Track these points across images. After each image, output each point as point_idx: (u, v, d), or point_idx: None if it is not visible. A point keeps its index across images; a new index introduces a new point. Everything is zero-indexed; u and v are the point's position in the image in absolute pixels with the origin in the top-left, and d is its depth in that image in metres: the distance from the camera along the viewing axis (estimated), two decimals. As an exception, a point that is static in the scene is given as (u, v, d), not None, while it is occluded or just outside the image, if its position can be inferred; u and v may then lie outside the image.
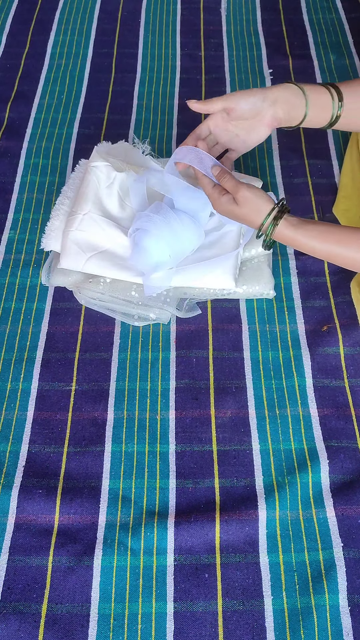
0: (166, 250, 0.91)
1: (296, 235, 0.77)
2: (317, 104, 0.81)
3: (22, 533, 0.79)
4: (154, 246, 0.90)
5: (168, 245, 0.91)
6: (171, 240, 0.91)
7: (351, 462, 0.84)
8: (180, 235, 0.92)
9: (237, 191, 0.79)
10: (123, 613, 0.73)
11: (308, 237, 0.77)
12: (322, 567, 0.76)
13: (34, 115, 1.26)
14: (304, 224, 0.77)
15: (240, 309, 0.98)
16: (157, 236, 0.90)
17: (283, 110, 0.81)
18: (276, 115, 0.81)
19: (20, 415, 0.88)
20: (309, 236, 0.77)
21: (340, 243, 0.76)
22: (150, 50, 1.38)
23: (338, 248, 0.76)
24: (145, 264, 0.92)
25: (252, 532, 0.78)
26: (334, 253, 0.76)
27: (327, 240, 0.76)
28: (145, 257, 0.91)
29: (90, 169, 1.01)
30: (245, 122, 0.84)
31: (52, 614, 0.73)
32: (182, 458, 0.85)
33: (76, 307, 0.99)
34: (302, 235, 0.77)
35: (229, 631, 0.72)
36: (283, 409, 0.89)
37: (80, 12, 1.47)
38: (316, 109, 0.82)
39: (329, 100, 0.81)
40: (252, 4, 1.50)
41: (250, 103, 0.80)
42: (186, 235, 0.92)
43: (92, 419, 0.88)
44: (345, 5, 1.48)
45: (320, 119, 0.83)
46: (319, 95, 0.81)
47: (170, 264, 0.93)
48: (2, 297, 1.00)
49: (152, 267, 0.92)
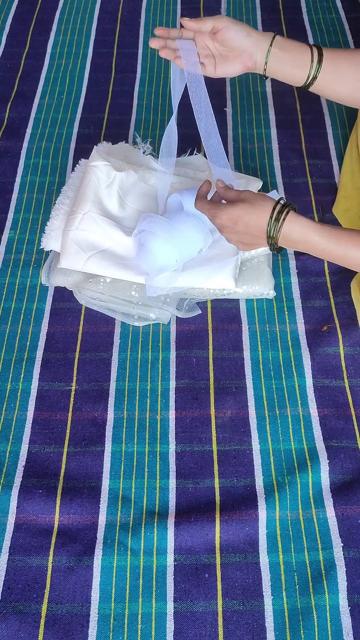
0: (174, 253, 0.90)
1: (310, 233, 0.75)
2: (295, 61, 0.81)
3: (22, 533, 0.79)
4: (162, 249, 0.90)
5: (176, 248, 0.90)
6: (179, 243, 0.90)
7: (351, 462, 0.84)
8: (187, 238, 0.91)
9: (240, 194, 0.78)
10: (123, 613, 0.73)
11: (322, 236, 0.74)
12: (322, 567, 0.76)
13: (34, 115, 1.26)
14: (316, 223, 0.75)
15: (240, 309, 0.98)
16: (165, 239, 0.90)
17: (262, 55, 0.82)
18: (254, 56, 0.82)
19: (20, 415, 0.88)
20: (323, 235, 0.74)
21: (357, 245, 0.74)
22: (150, 50, 1.38)
23: (354, 250, 0.74)
24: (151, 266, 0.91)
25: (252, 532, 0.78)
26: (350, 255, 0.75)
27: (343, 241, 0.74)
28: (152, 260, 0.91)
29: (90, 169, 1.01)
30: (225, 49, 0.83)
31: (52, 614, 0.73)
32: (182, 458, 0.85)
33: (76, 307, 0.99)
34: (318, 234, 0.74)
35: (229, 631, 0.72)
36: (283, 409, 0.89)
37: (80, 12, 1.47)
38: (293, 67, 0.82)
39: (308, 60, 0.81)
40: (252, 4, 1.50)
41: (236, 32, 0.80)
42: (193, 238, 0.92)
43: (92, 419, 0.88)
44: (345, 5, 1.48)
45: (295, 77, 0.83)
46: (300, 53, 0.81)
47: (176, 266, 0.93)
48: (2, 297, 1.00)
49: (158, 269, 0.91)
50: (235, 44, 0.81)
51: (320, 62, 0.81)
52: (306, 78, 0.82)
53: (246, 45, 0.81)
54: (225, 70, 0.84)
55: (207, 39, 0.83)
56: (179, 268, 0.93)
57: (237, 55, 0.82)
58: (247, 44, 0.81)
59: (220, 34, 0.81)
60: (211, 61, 0.84)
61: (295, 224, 0.75)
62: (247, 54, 0.81)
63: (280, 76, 0.83)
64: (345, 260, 0.76)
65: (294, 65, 0.81)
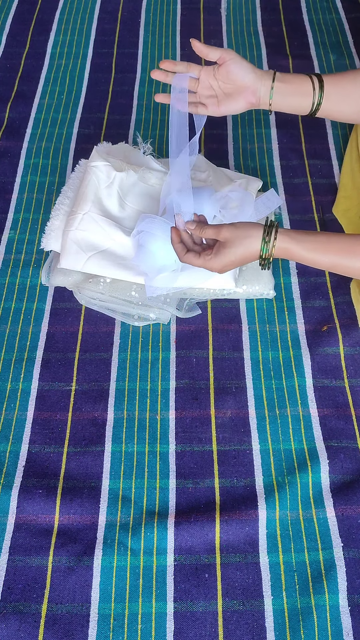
0: (172, 253, 0.91)
1: (297, 249, 0.76)
2: (298, 91, 0.83)
3: (22, 533, 0.79)
4: (161, 249, 0.90)
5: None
6: None
7: (351, 462, 0.84)
8: None
9: (220, 231, 0.78)
10: (123, 613, 0.73)
11: (309, 249, 0.76)
12: (322, 567, 0.76)
13: (34, 115, 1.26)
14: (303, 235, 0.76)
15: (240, 309, 0.98)
16: (164, 239, 0.90)
17: (265, 90, 0.83)
18: (257, 92, 0.83)
19: (20, 415, 0.88)
20: (309, 249, 0.76)
21: (343, 252, 0.75)
22: (150, 50, 1.38)
23: (341, 258, 0.75)
24: (150, 266, 0.91)
25: (252, 532, 0.78)
26: (338, 264, 0.76)
27: (329, 251, 0.75)
28: (151, 260, 0.91)
29: (90, 169, 1.01)
30: (228, 86, 0.84)
31: (52, 614, 0.73)
32: (182, 458, 0.85)
33: (76, 307, 0.99)
34: (303, 249, 0.76)
35: (229, 631, 0.72)
36: (283, 409, 0.89)
37: (80, 12, 1.47)
38: (297, 96, 0.83)
39: (309, 88, 0.82)
40: (252, 4, 1.50)
41: (242, 67, 0.82)
42: None
43: (92, 419, 0.88)
44: (345, 5, 1.48)
45: (301, 106, 0.84)
46: (301, 82, 0.82)
47: (175, 266, 0.93)
48: (2, 297, 1.00)
49: (157, 269, 0.92)
50: (240, 79, 0.82)
51: (322, 88, 0.82)
52: (311, 105, 0.83)
53: (250, 81, 0.82)
54: (228, 107, 0.85)
55: (212, 78, 0.84)
56: (178, 268, 0.93)
57: (241, 92, 0.83)
58: (251, 80, 0.82)
59: (227, 65, 0.82)
60: (214, 101, 0.85)
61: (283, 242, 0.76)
62: (251, 90, 0.82)
63: (286, 107, 0.84)
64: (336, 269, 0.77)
65: (297, 94, 0.83)
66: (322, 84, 0.82)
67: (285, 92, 0.82)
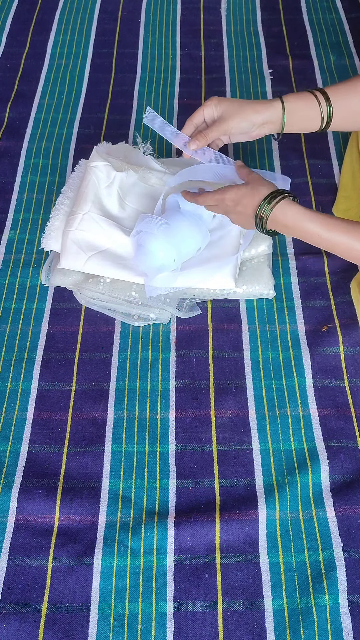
0: (172, 253, 0.91)
1: (300, 217, 0.76)
2: (304, 114, 0.84)
3: (22, 533, 0.79)
4: (160, 249, 0.90)
5: (174, 248, 0.90)
6: (177, 243, 0.91)
7: (351, 462, 0.84)
8: (185, 237, 0.91)
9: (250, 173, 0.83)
10: (123, 613, 0.73)
11: (313, 222, 0.76)
12: (322, 567, 0.76)
13: (34, 115, 1.26)
14: (311, 211, 0.77)
15: (240, 309, 0.98)
16: (163, 239, 0.90)
17: (269, 129, 0.86)
18: (262, 132, 0.87)
19: (20, 415, 0.88)
20: (314, 221, 0.76)
21: (346, 233, 0.75)
22: (150, 50, 1.38)
23: (343, 237, 0.75)
24: (149, 266, 0.91)
25: (252, 532, 0.78)
26: (339, 242, 0.76)
27: (333, 229, 0.76)
28: (150, 260, 0.91)
29: (90, 169, 1.01)
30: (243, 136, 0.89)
31: (52, 614, 0.73)
32: (182, 458, 0.85)
33: (76, 307, 0.99)
34: (308, 220, 0.76)
35: (229, 631, 0.72)
36: (283, 409, 0.89)
37: (80, 12, 1.47)
38: (304, 120, 0.85)
39: (316, 108, 0.84)
40: (252, 4, 1.50)
41: (240, 129, 0.85)
42: (191, 238, 0.92)
43: (92, 419, 0.88)
44: (345, 5, 1.48)
45: (310, 126, 0.86)
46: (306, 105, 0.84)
47: (174, 266, 0.93)
48: (2, 297, 1.00)
49: (156, 269, 0.91)
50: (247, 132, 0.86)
51: (328, 99, 0.83)
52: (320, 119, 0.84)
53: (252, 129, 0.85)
54: (239, 138, 0.89)
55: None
56: (178, 268, 0.93)
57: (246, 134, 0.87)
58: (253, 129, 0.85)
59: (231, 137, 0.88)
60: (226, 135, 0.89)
61: (288, 209, 0.77)
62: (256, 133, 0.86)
63: (297, 127, 0.86)
64: (334, 247, 0.78)
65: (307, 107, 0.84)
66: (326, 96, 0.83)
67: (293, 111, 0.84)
